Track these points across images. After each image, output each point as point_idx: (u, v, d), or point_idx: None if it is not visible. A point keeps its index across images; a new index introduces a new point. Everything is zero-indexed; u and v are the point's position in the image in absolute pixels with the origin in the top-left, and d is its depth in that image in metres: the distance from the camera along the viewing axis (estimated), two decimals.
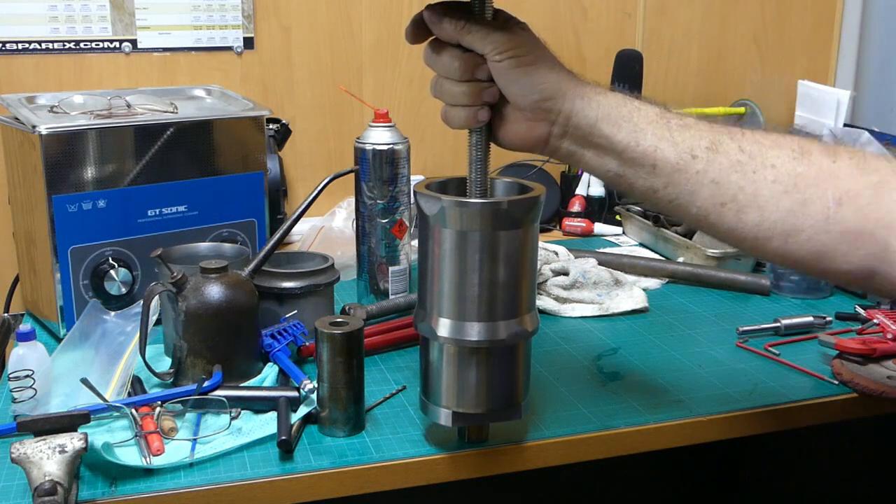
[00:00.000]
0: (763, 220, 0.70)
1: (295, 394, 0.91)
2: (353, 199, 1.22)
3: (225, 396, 0.90)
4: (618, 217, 1.64)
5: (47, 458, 0.73)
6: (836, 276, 0.71)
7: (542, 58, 0.74)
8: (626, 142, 0.73)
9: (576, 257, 1.34)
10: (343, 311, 1.15)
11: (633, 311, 1.23)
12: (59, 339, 1.09)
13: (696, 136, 0.72)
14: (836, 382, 1.01)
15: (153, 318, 0.96)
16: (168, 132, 1.14)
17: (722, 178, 0.70)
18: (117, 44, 1.49)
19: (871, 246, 0.68)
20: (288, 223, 1.03)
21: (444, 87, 0.77)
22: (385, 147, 1.16)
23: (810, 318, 1.16)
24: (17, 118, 1.13)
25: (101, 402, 0.87)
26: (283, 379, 0.98)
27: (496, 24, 0.75)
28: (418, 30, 0.77)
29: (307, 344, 1.03)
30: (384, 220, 1.19)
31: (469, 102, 0.76)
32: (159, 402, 0.88)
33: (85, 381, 0.88)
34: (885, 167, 0.69)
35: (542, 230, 1.63)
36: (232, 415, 0.88)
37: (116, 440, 0.83)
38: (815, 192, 0.68)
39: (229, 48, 1.55)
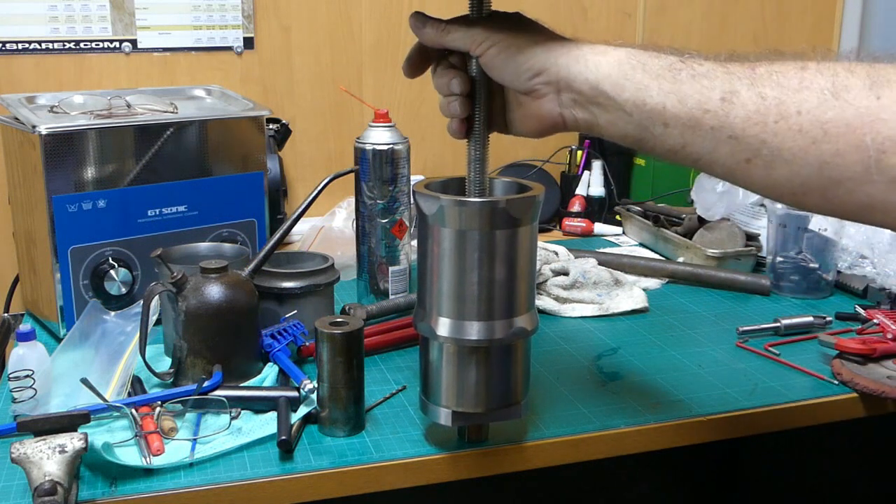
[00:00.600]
0: (794, 174, 0.62)
1: (295, 394, 0.91)
2: (353, 199, 1.22)
3: (225, 396, 0.90)
4: (618, 217, 1.64)
5: (47, 458, 0.73)
6: (893, 226, 0.62)
7: (527, 37, 0.72)
8: (633, 101, 0.67)
9: (576, 257, 1.34)
10: (343, 311, 1.15)
11: (633, 311, 1.23)
12: (59, 339, 1.09)
13: (709, 87, 0.64)
14: (836, 382, 1.01)
15: (153, 318, 0.96)
16: (168, 132, 1.14)
17: (739, 132, 0.63)
18: (117, 44, 1.49)
19: None
20: (288, 223, 1.03)
21: (441, 102, 0.80)
22: (385, 147, 1.16)
23: (810, 318, 1.16)
24: (17, 118, 1.13)
25: (101, 402, 0.87)
26: (283, 379, 0.98)
27: (476, 20, 0.76)
28: (414, 64, 0.80)
29: (307, 344, 1.03)
30: (384, 220, 1.19)
31: (446, 115, 0.79)
32: (159, 402, 0.88)
33: (85, 381, 0.88)
34: None
35: (542, 230, 1.63)
36: (232, 415, 0.88)
37: (116, 440, 0.83)
38: (850, 140, 0.58)
39: (229, 48, 1.55)
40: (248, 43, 1.56)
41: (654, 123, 0.67)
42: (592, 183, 1.69)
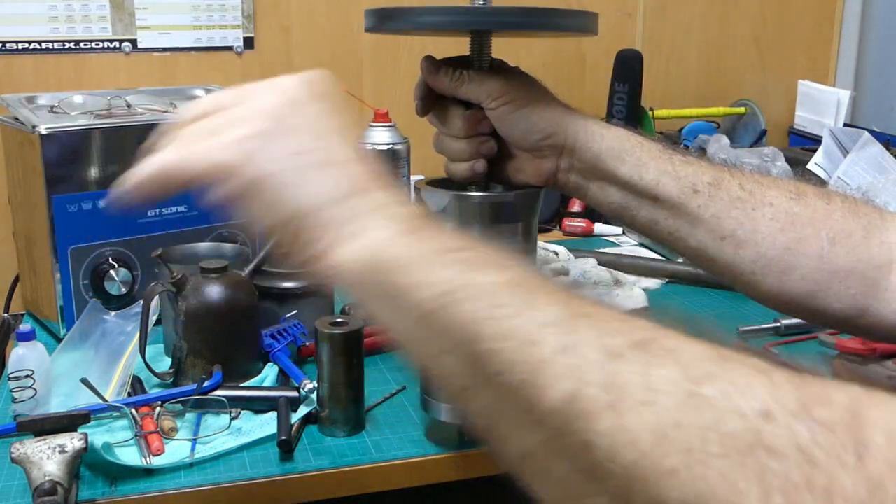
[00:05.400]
0: (760, 256, 0.72)
1: (295, 394, 0.91)
2: None
3: (225, 396, 0.90)
4: None
5: (47, 458, 0.73)
6: (826, 315, 0.72)
7: (539, 97, 0.76)
8: (630, 174, 0.74)
9: (576, 257, 1.34)
10: (343, 311, 1.14)
11: (633, 311, 1.23)
12: (59, 339, 1.09)
13: (699, 172, 0.73)
14: None
15: (153, 318, 0.96)
16: None
17: (722, 212, 0.72)
18: (117, 44, 1.49)
19: (861, 285, 0.70)
20: None
21: (446, 144, 0.79)
22: (385, 147, 1.17)
23: None
24: (17, 118, 1.13)
25: (101, 402, 0.87)
26: (283, 379, 0.98)
27: (490, 73, 0.77)
28: (428, 104, 0.79)
29: (307, 344, 1.03)
30: None
31: (468, 158, 0.78)
32: (159, 402, 0.88)
33: (85, 381, 0.88)
34: (873, 211, 0.72)
35: (542, 230, 1.63)
36: (232, 415, 0.88)
37: (116, 440, 0.83)
38: (811, 231, 0.70)
39: (229, 48, 1.55)
40: (248, 43, 1.56)
41: (644, 196, 0.75)
42: None
